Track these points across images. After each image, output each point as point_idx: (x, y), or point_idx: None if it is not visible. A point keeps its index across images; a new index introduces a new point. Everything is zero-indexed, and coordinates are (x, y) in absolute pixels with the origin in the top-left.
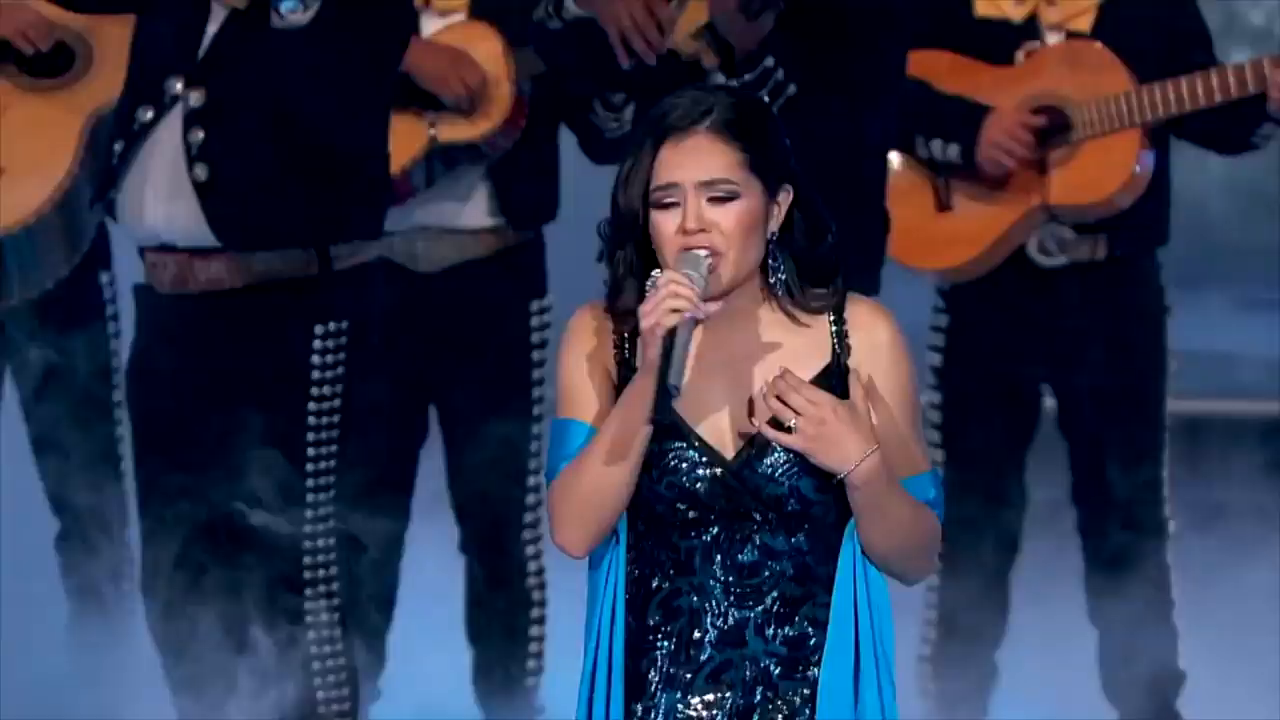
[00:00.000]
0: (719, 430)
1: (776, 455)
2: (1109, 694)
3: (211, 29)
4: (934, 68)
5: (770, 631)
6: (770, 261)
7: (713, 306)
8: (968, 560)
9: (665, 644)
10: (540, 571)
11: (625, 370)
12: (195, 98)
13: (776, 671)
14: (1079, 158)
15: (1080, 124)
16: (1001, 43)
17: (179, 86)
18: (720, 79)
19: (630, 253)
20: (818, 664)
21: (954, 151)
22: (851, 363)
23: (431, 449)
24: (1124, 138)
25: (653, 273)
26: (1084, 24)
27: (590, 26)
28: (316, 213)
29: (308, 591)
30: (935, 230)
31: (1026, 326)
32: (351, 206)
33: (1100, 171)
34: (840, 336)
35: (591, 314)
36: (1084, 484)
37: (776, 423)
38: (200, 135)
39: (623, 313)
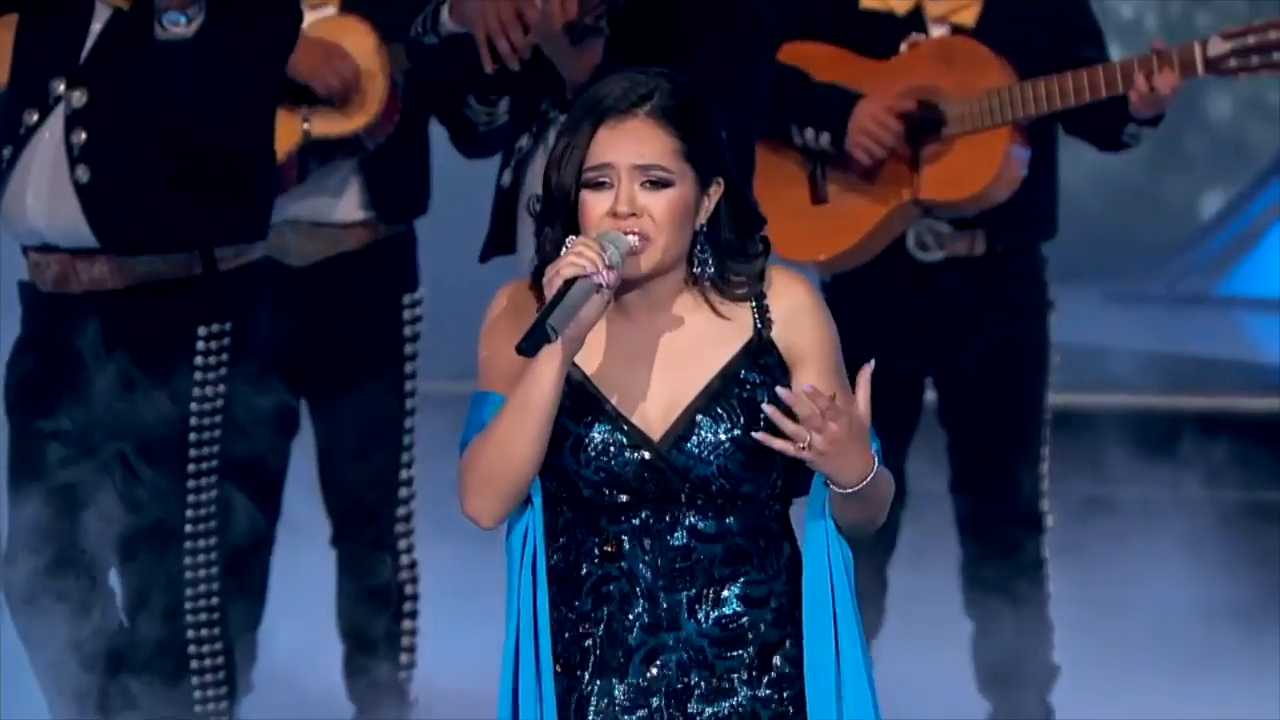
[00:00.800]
0: (645, 414)
1: (703, 436)
2: (983, 687)
3: (96, 27)
4: (814, 59)
5: (702, 614)
6: (698, 253)
7: (611, 276)
8: None
9: (597, 630)
10: (413, 565)
11: None
12: (77, 98)
13: (711, 652)
14: (950, 153)
15: (952, 119)
16: (886, 35)
17: (61, 87)
18: None
19: (558, 233)
20: (751, 642)
21: (825, 139)
22: (775, 333)
23: (303, 442)
24: (995, 134)
25: (568, 238)
26: (969, 17)
27: (465, 41)
28: (199, 215)
29: (188, 591)
30: (811, 222)
31: (907, 320)
32: (235, 209)
33: (970, 168)
34: (762, 312)
35: (513, 291)
36: (963, 476)
37: (773, 428)
38: (82, 136)
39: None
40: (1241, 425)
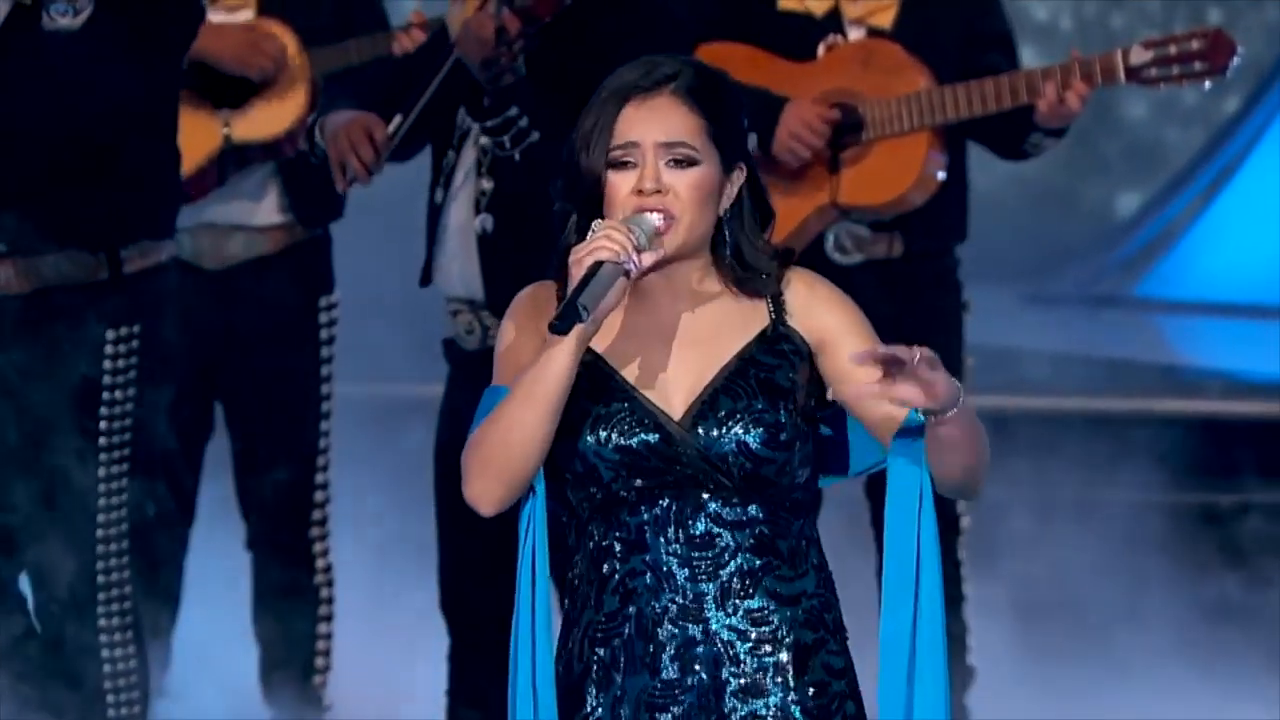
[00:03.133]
0: (665, 394)
1: (722, 413)
2: None
3: None
4: (732, 60)
5: (730, 606)
6: (720, 237)
7: (647, 259)
8: None
9: (625, 628)
10: (329, 569)
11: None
12: None
13: (742, 648)
14: (870, 157)
15: (872, 123)
16: (804, 37)
17: None
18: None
19: (582, 218)
20: (783, 641)
21: (752, 141)
22: (793, 323)
23: (218, 445)
24: (913, 138)
25: (594, 222)
26: (885, 20)
27: None
28: (98, 212)
29: (100, 595)
30: None
31: None
32: (136, 205)
33: (889, 172)
34: (778, 306)
35: (535, 291)
36: (878, 479)
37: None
38: None
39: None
40: (1157, 427)
